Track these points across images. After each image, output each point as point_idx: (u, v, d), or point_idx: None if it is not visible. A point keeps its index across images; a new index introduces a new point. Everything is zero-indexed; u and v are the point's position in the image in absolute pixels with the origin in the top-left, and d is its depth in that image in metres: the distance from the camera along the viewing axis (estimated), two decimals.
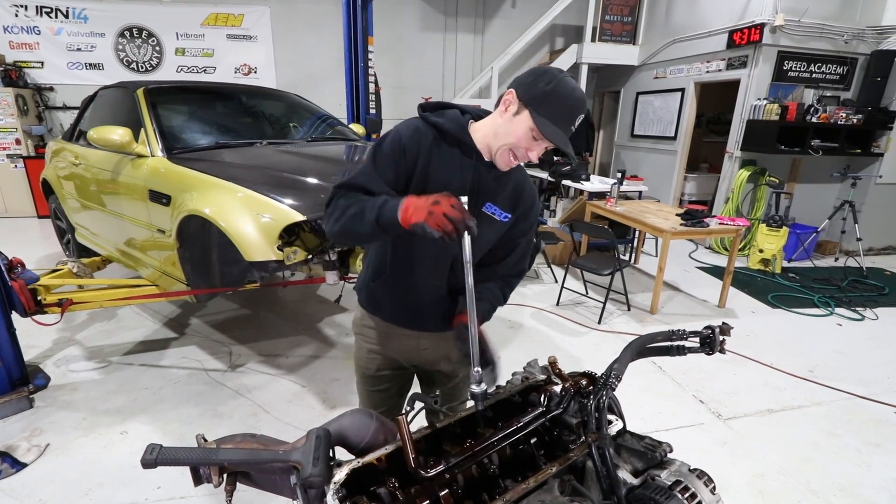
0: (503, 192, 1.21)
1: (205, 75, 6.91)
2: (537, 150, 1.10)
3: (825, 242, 5.91)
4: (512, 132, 1.08)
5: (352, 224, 1.07)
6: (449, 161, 1.15)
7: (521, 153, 1.11)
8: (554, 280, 4.66)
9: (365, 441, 0.95)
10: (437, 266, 1.24)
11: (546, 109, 1.04)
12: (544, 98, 1.04)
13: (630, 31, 7.10)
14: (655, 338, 1.00)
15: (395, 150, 1.12)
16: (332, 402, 2.60)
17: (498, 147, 1.11)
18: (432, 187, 1.13)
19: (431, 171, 1.14)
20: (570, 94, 1.05)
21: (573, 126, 1.07)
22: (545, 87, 1.04)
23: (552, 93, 1.04)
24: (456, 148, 1.16)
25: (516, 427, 0.94)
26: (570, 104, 1.05)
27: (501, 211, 1.21)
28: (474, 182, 1.17)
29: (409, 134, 1.13)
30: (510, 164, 1.14)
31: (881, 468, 2.29)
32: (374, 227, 1.04)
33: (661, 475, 0.90)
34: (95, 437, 2.28)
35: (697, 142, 6.99)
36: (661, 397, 2.79)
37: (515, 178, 1.23)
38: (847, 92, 5.59)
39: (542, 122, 1.04)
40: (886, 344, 3.59)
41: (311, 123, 3.54)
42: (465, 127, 1.15)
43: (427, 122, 1.16)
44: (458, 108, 1.19)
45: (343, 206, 1.10)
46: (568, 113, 1.05)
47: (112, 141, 2.47)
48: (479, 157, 1.16)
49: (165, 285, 2.71)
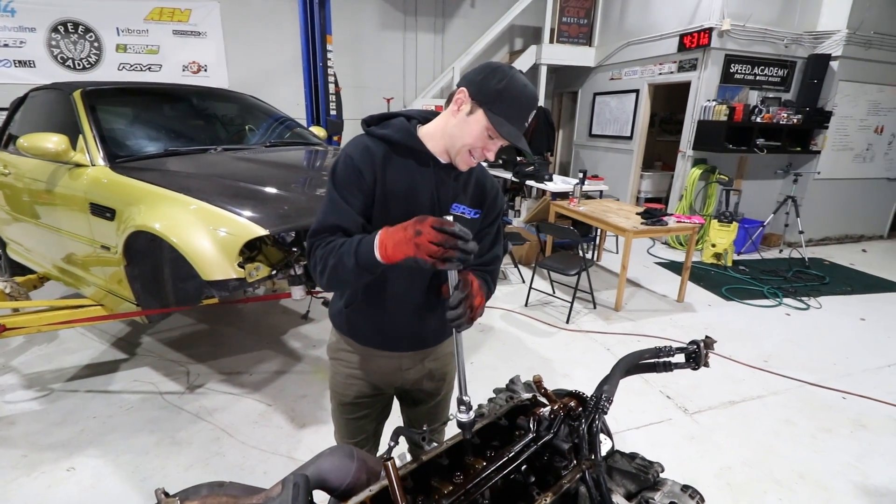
0: (467, 190, 1.20)
1: (150, 74, 6.50)
2: (494, 149, 1.10)
3: (770, 235, 6.26)
4: (468, 132, 1.06)
5: (336, 275, 1.04)
6: (406, 172, 1.12)
7: (479, 153, 1.09)
8: (521, 280, 4.69)
9: (346, 482, 0.89)
10: (412, 284, 1.20)
11: (500, 108, 1.02)
12: (498, 96, 1.02)
13: (586, 34, 7.25)
14: (643, 355, 0.98)
15: (351, 174, 1.08)
16: (302, 421, 2.49)
17: (457, 149, 1.09)
18: (394, 203, 1.10)
19: (389, 186, 1.10)
20: (523, 91, 1.04)
21: (526, 123, 1.07)
22: (497, 85, 1.02)
23: (505, 91, 1.02)
24: (410, 158, 1.13)
25: (507, 458, 0.89)
26: (523, 101, 1.04)
27: (469, 209, 1.20)
28: (436, 188, 1.14)
29: (360, 154, 1.10)
30: (470, 164, 1.12)
31: (835, 453, 2.42)
32: (357, 273, 1.00)
33: (655, 498, 0.88)
34: (38, 476, 2.07)
35: (652, 141, 7.24)
36: (630, 395, 2.85)
37: (475, 174, 1.22)
38: (787, 93, 5.93)
39: (497, 121, 1.02)
40: (830, 332, 3.83)
41: (268, 127, 3.38)
42: (413, 134, 1.12)
43: (374, 136, 1.13)
44: (403, 116, 1.16)
45: (322, 258, 1.06)
46: (522, 110, 1.05)
47: (46, 149, 2.25)
48: (434, 161, 1.13)
49: (112, 305, 2.50)
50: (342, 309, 1.27)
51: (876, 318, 4.10)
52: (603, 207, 4.65)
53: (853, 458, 2.39)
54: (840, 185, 6.30)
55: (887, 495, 2.15)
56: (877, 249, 6.43)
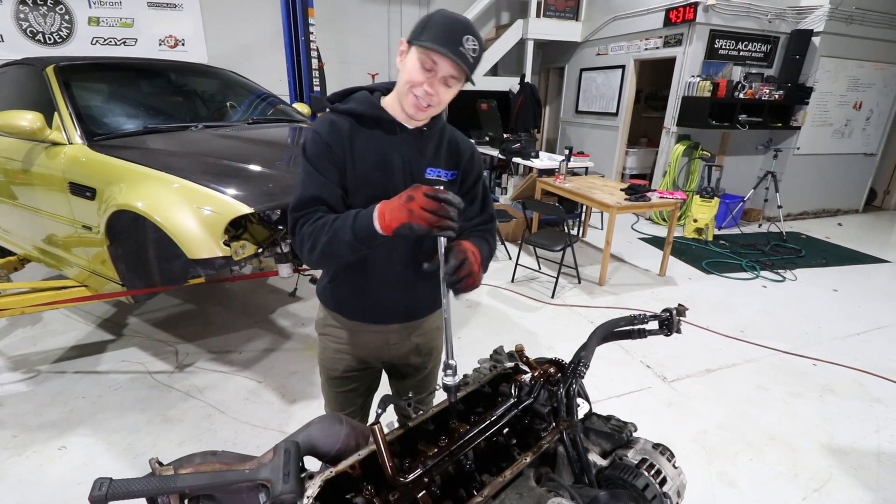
0: (439, 153, 1.20)
1: (124, 48, 6.26)
2: (438, 85, 1.06)
3: (750, 210, 6.39)
4: (405, 72, 1.07)
5: (329, 250, 1.04)
6: (374, 142, 1.13)
7: (422, 91, 1.06)
8: (508, 257, 4.74)
9: (336, 448, 0.93)
10: (392, 254, 1.20)
11: (426, 35, 1.03)
12: (423, 27, 1.04)
13: (573, 7, 7.16)
14: (619, 323, 1.03)
15: (321, 149, 1.10)
16: (292, 397, 2.53)
17: (403, 94, 1.09)
18: (367, 173, 1.12)
19: (360, 157, 1.12)
20: (449, 16, 1.04)
21: (461, 46, 1.01)
22: (425, 20, 1.05)
23: (429, 20, 1.04)
24: (377, 128, 1.14)
25: (490, 421, 0.94)
26: (448, 23, 1.03)
27: (445, 171, 1.20)
28: (407, 154, 1.15)
29: (327, 129, 1.11)
30: (420, 108, 1.08)
31: (804, 416, 2.56)
32: (353, 246, 1.02)
33: (628, 454, 0.94)
34: (30, 456, 2.10)
35: (637, 117, 7.26)
36: (612, 365, 2.95)
37: (447, 136, 1.22)
38: (770, 69, 5.97)
39: (422, 44, 1.02)
40: (804, 303, 3.97)
41: (250, 103, 3.31)
42: (376, 104, 1.14)
43: (338, 112, 1.14)
44: (365, 89, 1.18)
45: (311, 234, 1.06)
46: (448, 30, 1.02)
47: (20, 127, 2.19)
48: (401, 128, 1.14)
49: (96, 286, 2.49)
50: (327, 284, 1.29)
51: (848, 289, 4.26)
52: (588, 184, 4.69)
53: (821, 420, 2.52)
54: (819, 161, 6.42)
55: (850, 453, 2.29)
56: (852, 223, 6.62)
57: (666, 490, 0.90)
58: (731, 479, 2.12)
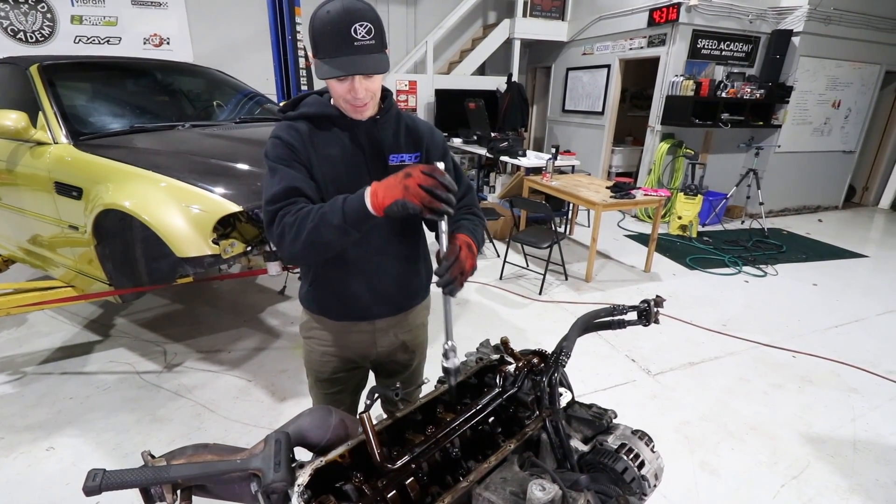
0: (398, 138, 1.22)
1: (108, 47, 6.17)
2: (358, 86, 1.05)
3: (733, 207, 6.51)
4: (330, 88, 1.10)
5: (316, 236, 0.99)
6: (333, 140, 1.16)
7: (350, 97, 1.07)
8: (496, 255, 4.78)
9: (326, 438, 0.95)
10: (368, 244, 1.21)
11: (321, 50, 1.02)
12: (314, 42, 1.03)
13: (559, 7, 7.22)
14: (599, 314, 1.07)
15: (286, 150, 1.11)
16: (282, 395, 2.55)
17: (335, 101, 1.13)
18: (332, 170, 1.14)
19: (323, 156, 1.14)
20: (327, 19, 0.99)
21: (355, 42, 0.99)
22: (311, 32, 1.03)
23: (314, 32, 1.02)
24: (333, 127, 1.16)
25: (475, 410, 0.97)
26: (332, 28, 0.99)
27: (408, 154, 1.22)
28: (367, 145, 1.17)
29: (286, 133, 1.13)
30: (357, 108, 1.10)
31: (784, 406, 2.63)
32: (342, 230, 0.98)
33: (608, 440, 0.98)
34: (17, 457, 2.08)
35: (622, 116, 7.35)
36: (598, 359, 3.00)
37: (403, 121, 1.25)
38: (751, 68, 6.08)
39: (323, 64, 1.02)
40: (784, 297, 4.07)
41: (237, 102, 3.31)
42: (327, 103, 1.16)
43: (292, 118, 1.17)
44: (315, 93, 1.20)
45: (294, 224, 1.01)
46: (336, 36, 0.99)
47: (4, 127, 2.16)
48: (355, 122, 1.16)
49: (83, 286, 2.47)
50: (309, 289, 1.30)
51: (827, 284, 4.38)
52: (574, 182, 4.76)
53: (800, 410, 2.60)
54: (799, 158, 6.56)
55: (828, 441, 2.37)
56: (831, 219, 6.78)
57: (644, 473, 0.94)
58: (713, 467, 2.18)
